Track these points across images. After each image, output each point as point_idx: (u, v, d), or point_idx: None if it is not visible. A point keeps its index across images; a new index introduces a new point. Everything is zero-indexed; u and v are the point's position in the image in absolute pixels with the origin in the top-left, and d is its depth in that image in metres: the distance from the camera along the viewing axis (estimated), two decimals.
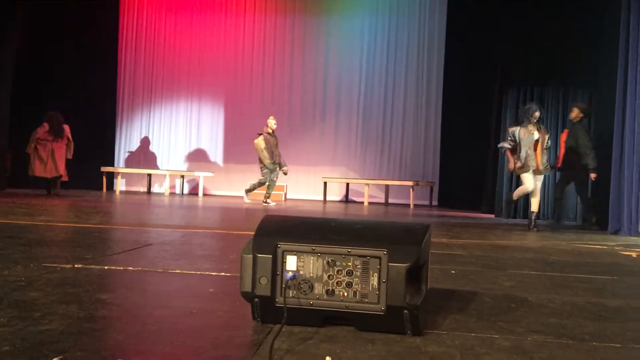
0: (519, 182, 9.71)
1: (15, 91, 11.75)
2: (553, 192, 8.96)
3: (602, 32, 8.36)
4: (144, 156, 13.95)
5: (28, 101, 12.15)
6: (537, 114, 7.24)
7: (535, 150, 7.14)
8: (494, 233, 6.47)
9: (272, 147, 10.14)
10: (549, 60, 9.51)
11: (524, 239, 5.92)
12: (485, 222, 8.41)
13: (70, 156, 10.48)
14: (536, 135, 7.17)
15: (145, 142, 13.97)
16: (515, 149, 7.18)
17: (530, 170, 7.15)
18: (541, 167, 7.19)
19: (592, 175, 7.77)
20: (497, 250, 4.67)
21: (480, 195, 11.15)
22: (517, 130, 7.23)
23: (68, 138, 10.45)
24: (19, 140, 11.90)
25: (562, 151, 8.09)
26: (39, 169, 10.19)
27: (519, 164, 7.16)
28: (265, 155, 10.06)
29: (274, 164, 10.15)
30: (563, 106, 9.56)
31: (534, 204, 7.33)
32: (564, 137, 8.13)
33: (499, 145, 7.85)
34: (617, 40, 7.22)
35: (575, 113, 8.00)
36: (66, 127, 10.40)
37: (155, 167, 13.65)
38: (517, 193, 7.46)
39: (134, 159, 13.91)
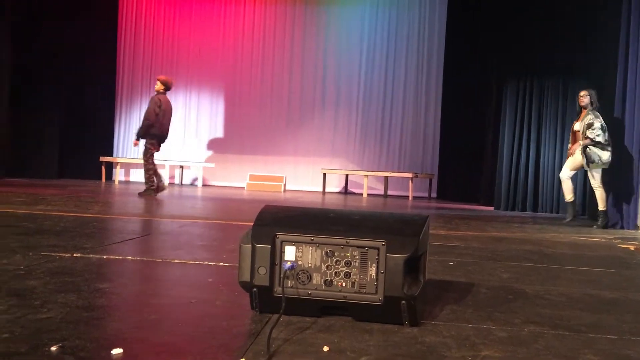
0: (518, 175, 9.76)
1: (13, 79, 11.71)
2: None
3: (602, 23, 8.34)
4: (142, 146, 13.91)
5: (25, 90, 12.11)
6: (580, 97, 7.02)
7: (575, 141, 6.95)
8: (492, 225, 6.48)
9: None
10: (549, 52, 9.49)
11: (522, 231, 5.93)
12: (483, 214, 8.42)
13: None
14: (576, 125, 6.98)
15: None
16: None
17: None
18: (577, 162, 6.91)
19: (135, 143, 8.41)
20: (495, 242, 4.68)
21: (479, 187, 11.17)
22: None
23: None
24: (17, 130, 11.90)
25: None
26: None
27: None
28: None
29: None
30: (563, 98, 9.55)
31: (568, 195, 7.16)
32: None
33: None
34: (617, 32, 7.20)
35: (158, 86, 8.31)
36: None
37: (155, 157, 13.62)
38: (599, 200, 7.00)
39: (132, 149, 13.88)
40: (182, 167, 13.24)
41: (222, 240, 4.15)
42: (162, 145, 8.80)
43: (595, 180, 6.89)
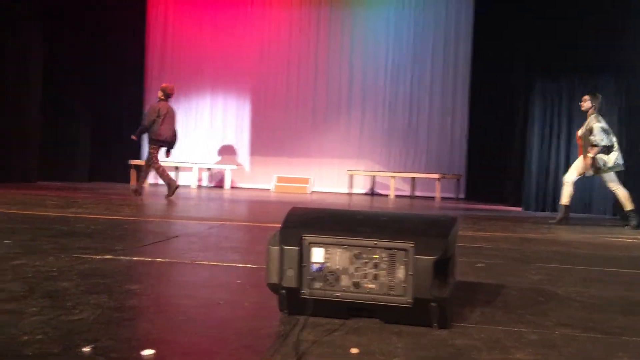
0: (547, 175, 9.61)
1: (45, 86, 11.95)
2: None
3: (634, 22, 8.17)
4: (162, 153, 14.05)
5: (57, 97, 12.32)
6: (581, 102, 6.96)
7: (582, 145, 6.86)
8: (522, 226, 6.39)
9: None
10: (578, 50, 9.32)
11: (551, 232, 5.83)
12: (512, 215, 8.31)
13: None
14: (580, 130, 6.93)
15: None
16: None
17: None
18: (582, 167, 6.84)
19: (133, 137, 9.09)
20: (524, 243, 4.61)
21: (508, 187, 11.03)
22: None
23: None
24: (49, 135, 12.13)
25: None
26: None
27: None
28: None
29: None
30: None
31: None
32: None
33: None
34: None
35: (160, 94, 8.81)
36: None
37: (182, 160, 13.77)
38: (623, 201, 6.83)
39: (161, 152, 14.03)
40: (209, 169, 13.36)
41: (250, 242, 4.17)
42: (171, 150, 9.04)
43: (610, 183, 6.77)
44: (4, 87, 10.73)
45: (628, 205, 6.71)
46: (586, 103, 6.89)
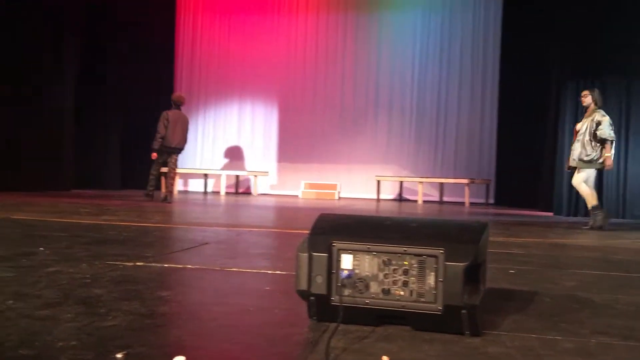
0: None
1: (77, 99, 12.21)
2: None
3: None
4: (200, 157, 14.23)
5: (88, 107, 12.56)
6: (582, 97, 6.93)
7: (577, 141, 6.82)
8: (554, 231, 6.28)
9: None
10: (609, 51, 9.15)
11: (585, 237, 5.72)
12: (543, 220, 8.18)
13: None
14: (579, 125, 6.91)
15: (201, 142, 14.25)
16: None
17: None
18: (570, 161, 6.88)
19: (153, 156, 9.01)
20: (557, 249, 4.53)
21: (539, 192, 10.86)
22: None
23: None
24: (83, 145, 12.37)
25: None
26: None
27: None
28: None
29: None
30: (627, 99, 9.18)
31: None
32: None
33: None
34: None
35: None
36: None
37: (211, 167, 13.90)
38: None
39: (190, 160, 14.20)
40: (237, 176, 13.45)
41: (278, 248, 4.18)
42: (178, 155, 9.29)
43: (583, 180, 6.70)
44: (39, 100, 11.01)
45: (593, 201, 6.66)
46: (587, 98, 6.88)
